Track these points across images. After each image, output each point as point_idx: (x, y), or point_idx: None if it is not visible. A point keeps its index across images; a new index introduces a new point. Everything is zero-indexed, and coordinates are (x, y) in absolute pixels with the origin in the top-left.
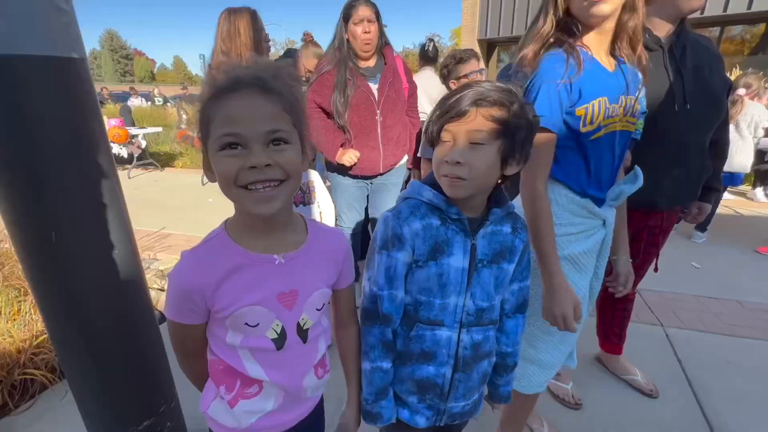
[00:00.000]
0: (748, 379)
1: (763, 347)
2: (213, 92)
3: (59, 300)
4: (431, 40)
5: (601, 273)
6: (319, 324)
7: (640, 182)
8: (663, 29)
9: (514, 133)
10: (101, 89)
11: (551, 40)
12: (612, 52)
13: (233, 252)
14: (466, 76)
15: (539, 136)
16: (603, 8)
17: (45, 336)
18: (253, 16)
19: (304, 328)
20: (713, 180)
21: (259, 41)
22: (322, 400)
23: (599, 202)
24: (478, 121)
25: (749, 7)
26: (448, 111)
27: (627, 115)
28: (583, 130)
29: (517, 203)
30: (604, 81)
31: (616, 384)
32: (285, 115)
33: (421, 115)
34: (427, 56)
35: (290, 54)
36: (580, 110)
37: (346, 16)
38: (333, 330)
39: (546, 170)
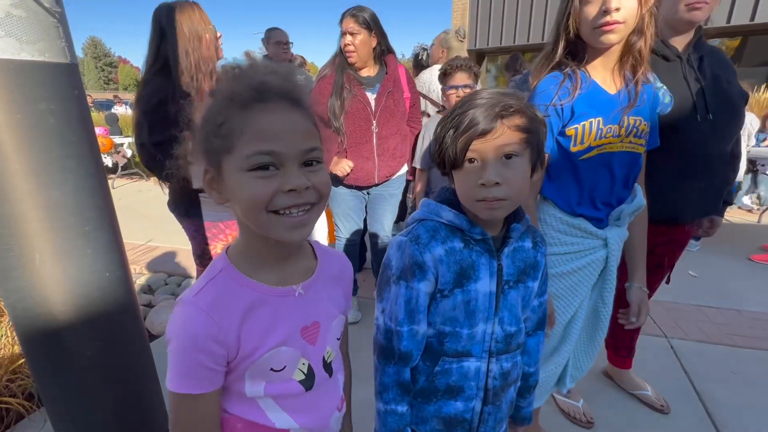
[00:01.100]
0: (757, 390)
1: (766, 357)
2: (237, 102)
3: (41, 327)
4: (424, 49)
5: (608, 298)
6: (338, 353)
7: (639, 200)
8: (680, 41)
9: (538, 139)
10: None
11: (556, 60)
12: (622, 72)
13: (248, 288)
14: (445, 89)
15: None
16: (611, 38)
17: (22, 360)
18: (195, 8)
19: (328, 361)
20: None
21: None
22: None
23: (597, 221)
24: (507, 134)
25: (728, 21)
26: (468, 129)
27: (630, 136)
28: (573, 149)
29: None
30: (601, 102)
31: (627, 400)
32: (316, 132)
33: None
34: (421, 65)
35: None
36: (570, 130)
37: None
38: None
39: (536, 189)
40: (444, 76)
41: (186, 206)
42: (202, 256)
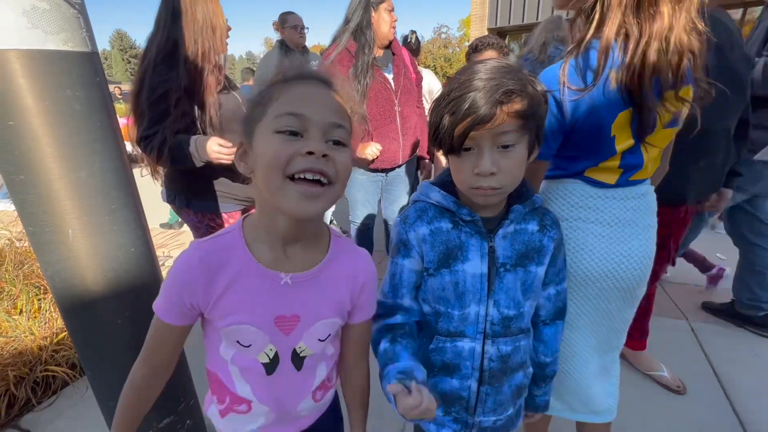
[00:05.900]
0: None
1: None
2: (280, 78)
3: (77, 298)
4: (413, 32)
5: None
6: (322, 353)
7: None
8: None
9: (537, 120)
10: (114, 88)
11: None
12: None
13: (241, 256)
14: None
15: None
16: None
17: (65, 333)
18: None
19: (301, 355)
20: (734, 163)
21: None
22: (337, 405)
23: None
24: (506, 122)
25: None
26: (467, 116)
27: None
28: None
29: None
30: None
31: (642, 380)
32: (347, 116)
33: None
34: (410, 48)
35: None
36: None
37: (380, 1)
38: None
39: (543, 171)
40: (474, 53)
41: (186, 197)
42: None
